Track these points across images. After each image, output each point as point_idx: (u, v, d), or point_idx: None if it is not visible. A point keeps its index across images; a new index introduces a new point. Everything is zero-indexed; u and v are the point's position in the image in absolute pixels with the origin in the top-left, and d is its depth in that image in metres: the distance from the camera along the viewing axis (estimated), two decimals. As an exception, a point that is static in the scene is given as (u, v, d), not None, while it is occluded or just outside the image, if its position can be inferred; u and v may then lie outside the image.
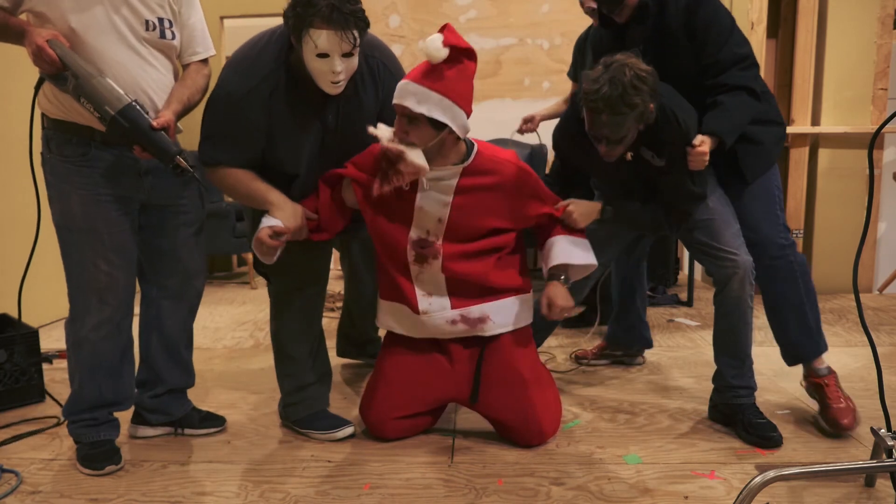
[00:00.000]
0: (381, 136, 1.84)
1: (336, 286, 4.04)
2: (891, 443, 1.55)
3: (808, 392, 2.18)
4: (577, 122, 2.00)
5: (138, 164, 1.87)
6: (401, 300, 2.03)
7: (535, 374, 2.05)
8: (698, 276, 4.52)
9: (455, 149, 1.91)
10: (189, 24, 1.93)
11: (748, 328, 2.07)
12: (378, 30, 4.37)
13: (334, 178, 2.02)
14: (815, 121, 4.03)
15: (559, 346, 3.09)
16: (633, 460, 1.94)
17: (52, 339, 3.31)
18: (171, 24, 1.86)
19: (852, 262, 2.86)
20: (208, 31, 2.00)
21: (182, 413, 2.16)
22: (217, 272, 5.36)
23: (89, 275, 1.87)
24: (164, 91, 1.87)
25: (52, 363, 2.92)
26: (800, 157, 4.04)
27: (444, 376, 2.05)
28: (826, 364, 2.14)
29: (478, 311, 2.00)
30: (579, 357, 2.83)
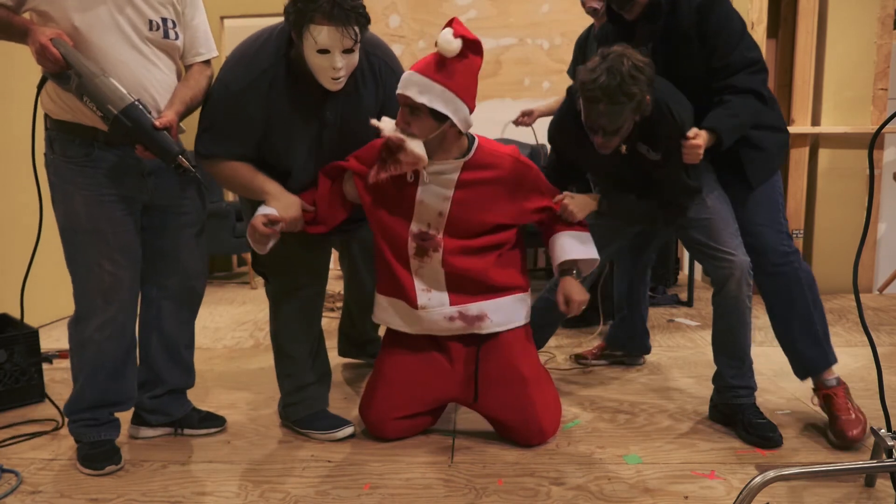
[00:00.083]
0: (383, 127, 1.84)
1: (336, 286, 4.04)
2: (891, 443, 1.55)
3: (821, 407, 2.11)
4: (573, 115, 1.99)
5: (141, 165, 1.87)
6: (399, 295, 2.02)
7: (534, 374, 2.05)
8: (698, 276, 4.51)
9: (457, 143, 1.91)
10: (192, 24, 1.93)
11: (747, 328, 2.07)
12: (378, 30, 4.37)
13: (335, 171, 2.01)
14: (816, 121, 4.03)
15: (559, 346, 3.09)
16: (633, 460, 1.95)
17: (52, 339, 3.31)
18: (174, 25, 1.87)
19: (852, 262, 2.86)
20: (211, 33, 2.01)
21: (182, 413, 2.16)
22: (217, 272, 5.36)
23: (94, 275, 1.87)
24: (167, 91, 1.87)
25: (52, 363, 2.92)
26: (800, 158, 4.04)
27: (444, 376, 2.05)
28: (836, 375, 2.09)
29: (476, 308, 2.00)
30: (579, 357, 2.84)
